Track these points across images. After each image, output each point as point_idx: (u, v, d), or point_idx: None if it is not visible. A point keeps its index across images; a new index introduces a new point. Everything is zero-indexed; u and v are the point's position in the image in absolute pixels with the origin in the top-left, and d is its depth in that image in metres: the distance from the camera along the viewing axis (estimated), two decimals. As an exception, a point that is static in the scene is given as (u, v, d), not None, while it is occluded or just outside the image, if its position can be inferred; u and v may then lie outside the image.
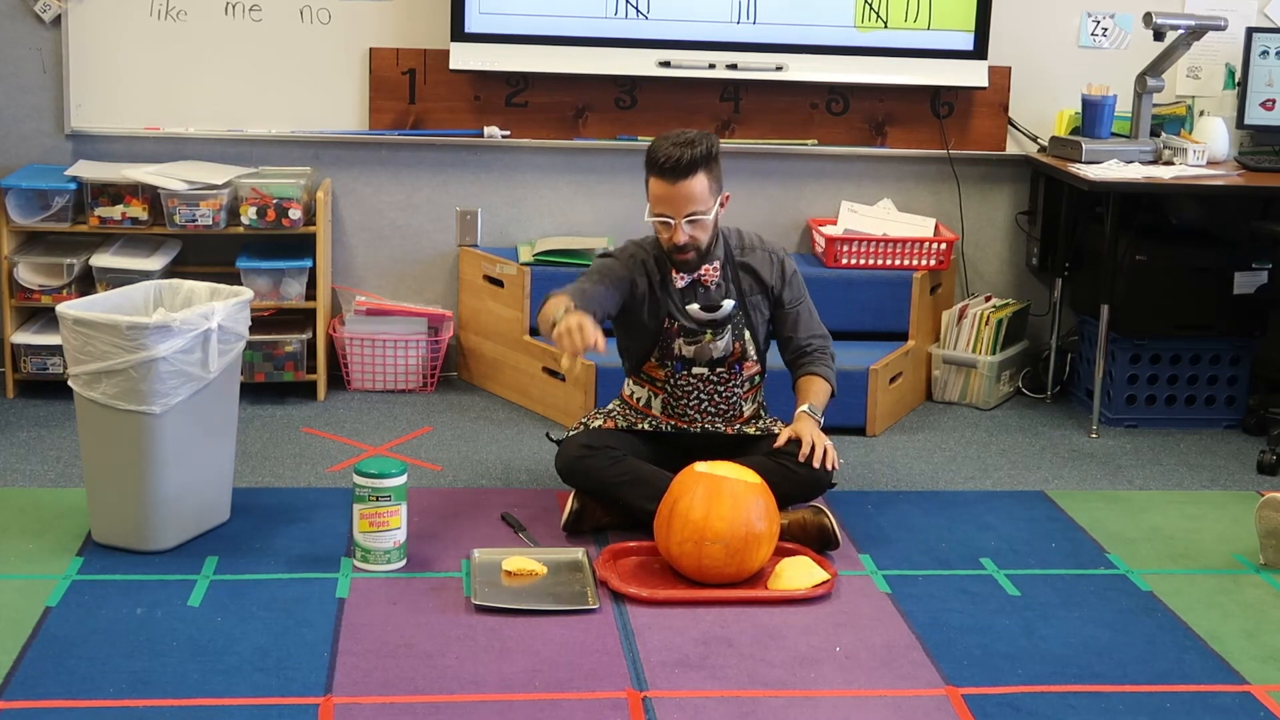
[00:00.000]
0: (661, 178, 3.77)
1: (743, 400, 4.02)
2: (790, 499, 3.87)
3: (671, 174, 3.74)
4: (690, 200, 3.77)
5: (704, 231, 3.83)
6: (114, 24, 4.99)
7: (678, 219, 3.79)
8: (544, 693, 3.06)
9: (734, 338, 3.95)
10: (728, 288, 3.94)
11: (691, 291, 3.93)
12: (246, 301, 3.83)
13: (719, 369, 3.96)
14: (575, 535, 3.87)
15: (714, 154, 3.80)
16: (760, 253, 3.99)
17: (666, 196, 3.78)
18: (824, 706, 3.05)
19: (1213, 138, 5.18)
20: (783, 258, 4.02)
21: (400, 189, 5.23)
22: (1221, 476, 4.58)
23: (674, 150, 3.74)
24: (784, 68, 5.12)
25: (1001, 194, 5.46)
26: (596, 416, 4.05)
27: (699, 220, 3.80)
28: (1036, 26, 5.32)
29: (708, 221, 3.83)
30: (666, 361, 3.97)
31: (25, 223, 4.82)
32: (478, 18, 5.00)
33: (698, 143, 3.76)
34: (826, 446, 3.83)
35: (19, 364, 4.86)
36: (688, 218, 3.78)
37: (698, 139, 3.77)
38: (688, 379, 3.97)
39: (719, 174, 3.85)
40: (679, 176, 3.74)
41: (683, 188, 3.75)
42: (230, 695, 3.00)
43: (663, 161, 3.75)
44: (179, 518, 3.71)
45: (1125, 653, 3.33)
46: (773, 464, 3.85)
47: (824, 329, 4.08)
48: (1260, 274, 5.02)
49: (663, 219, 3.81)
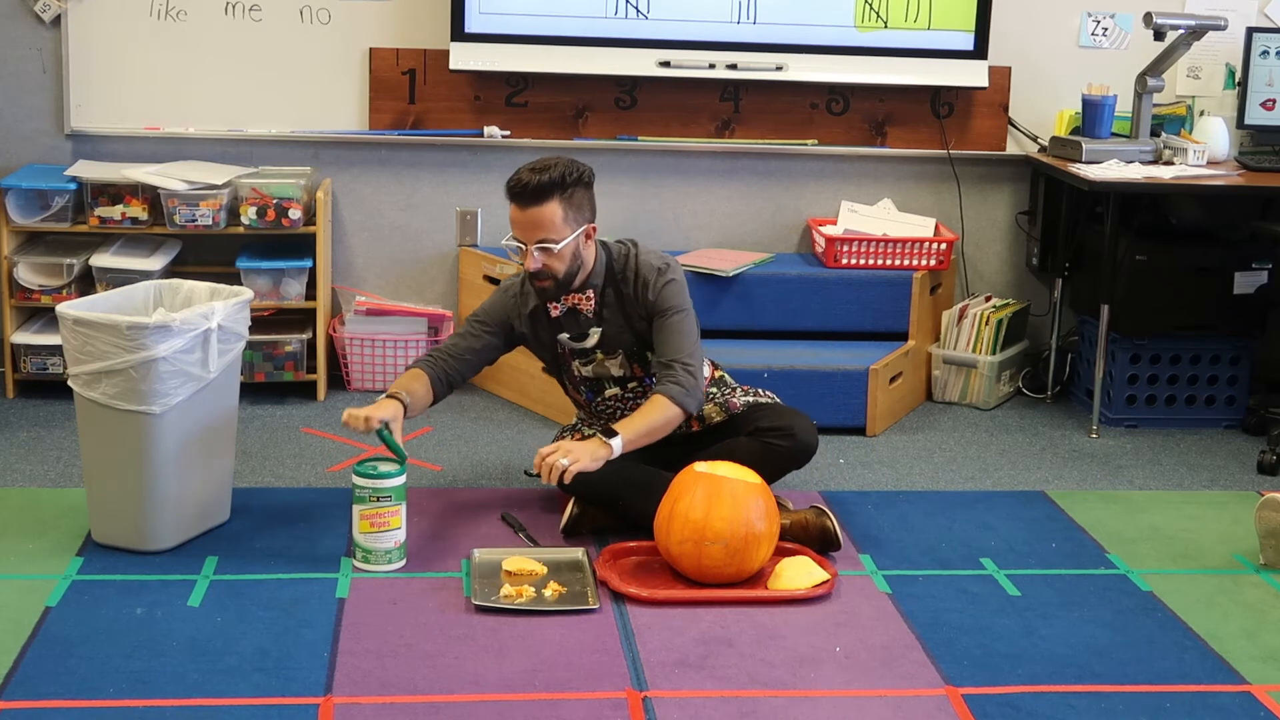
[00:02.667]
0: (513, 201, 3.76)
1: None
2: (780, 472, 3.91)
3: (520, 198, 3.73)
4: (538, 227, 3.73)
5: (559, 261, 3.77)
6: (114, 24, 4.99)
7: (528, 245, 3.76)
8: (544, 693, 3.06)
9: (629, 359, 3.94)
10: (603, 315, 3.91)
11: (567, 319, 3.93)
12: (246, 301, 3.83)
13: (631, 384, 3.96)
14: (574, 537, 3.87)
15: (571, 183, 3.73)
16: (637, 275, 3.88)
17: (516, 221, 3.77)
18: (824, 706, 3.05)
19: (1213, 138, 5.18)
20: (655, 274, 3.86)
21: (400, 189, 5.23)
22: (1221, 476, 4.58)
23: (526, 175, 3.72)
24: (784, 68, 5.12)
25: (1001, 194, 5.46)
26: (565, 435, 4.09)
27: (548, 249, 3.75)
28: (1036, 26, 5.32)
29: (561, 251, 3.76)
30: (579, 387, 4.00)
31: (25, 223, 4.82)
32: (478, 18, 5.00)
33: (553, 169, 3.71)
34: (555, 466, 3.64)
35: (19, 364, 4.86)
36: (538, 244, 3.74)
37: (555, 165, 3.72)
38: (604, 403, 3.99)
39: (584, 204, 3.79)
40: (527, 202, 3.72)
41: (531, 214, 3.72)
42: (230, 695, 3.00)
43: (512, 185, 3.74)
44: (179, 518, 3.71)
45: (1125, 653, 3.33)
46: (756, 443, 3.88)
47: (689, 349, 3.83)
48: (1260, 274, 5.02)
49: (515, 243, 3.81)
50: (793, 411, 3.98)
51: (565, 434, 4.09)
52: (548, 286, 3.84)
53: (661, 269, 3.87)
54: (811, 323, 5.06)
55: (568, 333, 3.94)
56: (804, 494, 4.18)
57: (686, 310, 3.88)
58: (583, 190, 3.78)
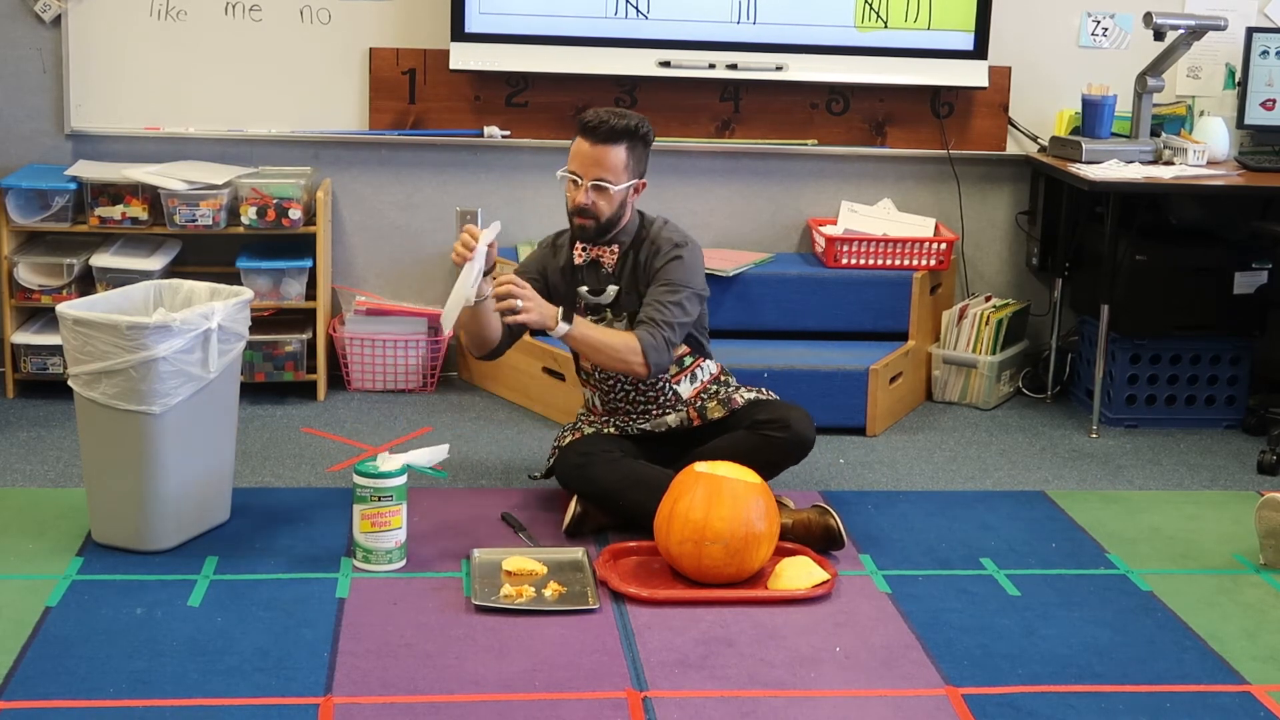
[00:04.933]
0: (584, 136, 3.84)
1: (673, 384, 4.02)
2: (778, 466, 3.93)
3: (593, 134, 3.82)
4: (601, 165, 3.82)
5: (607, 203, 3.86)
6: (114, 24, 4.99)
7: (585, 180, 3.84)
8: (544, 693, 3.06)
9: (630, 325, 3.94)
10: (620, 275, 3.96)
11: (589, 272, 3.98)
12: (246, 301, 3.83)
13: None
14: (576, 536, 3.87)
15: (640, 135, 3.87)
16: (653, 244, 3.96)
17: (580, 154, 3.85)
18: (824, 706, 3.05)
19: (1213, 138, 5.18)
20: (670, 246, 3.93)
21: (400, 189, 5.23)
22: (1221, 476, 4.58)
23: (605, 115, 3.83)
24: (784, 68, 5.12)
25: (1001, 194, 5.46)
26: (566, 433, 4.08)
27: (604, 189, 3.84)
28: (1036, 26, 5.32)
29: (612, 194, 3.85)
30: None
31: (25, 223, 4.82)
32: (478, 18, 5.00)
33: (630, 117, 3.85)
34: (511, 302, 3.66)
35: (19, 364, 4.86)
36: (594, 181, 3.83)
37: (632, 117, 3.86)
38: (607, 371, 3.99)
39: (643, 159, 3.91)
40: (599, 139, 3.82)
41: (599, 150, 3.82)
42: (230, 695, 3.00)
43: (590, 120, 3.83)
44: (179, 518, 3.71)
45: (1125, 653, 3.33)
46: (755, 436, 3.90)
47: (672, 318, 3.83)
48: (1260, 274, 5.02)
49: (572, 175, 3.87)
50: (790, 405, 4.00)
51: (566, 432, 4.09)
52: (588, 226, 3.90)
53: (679, 244, 3.94)
54: (811, 323, 5.06)
55: (587, 285, 3.97)
56: (804, 494, 4.18)
57: (687, 288, 3.89)
58: (644, 147, 3.91)
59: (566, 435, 4.07)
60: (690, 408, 4.02)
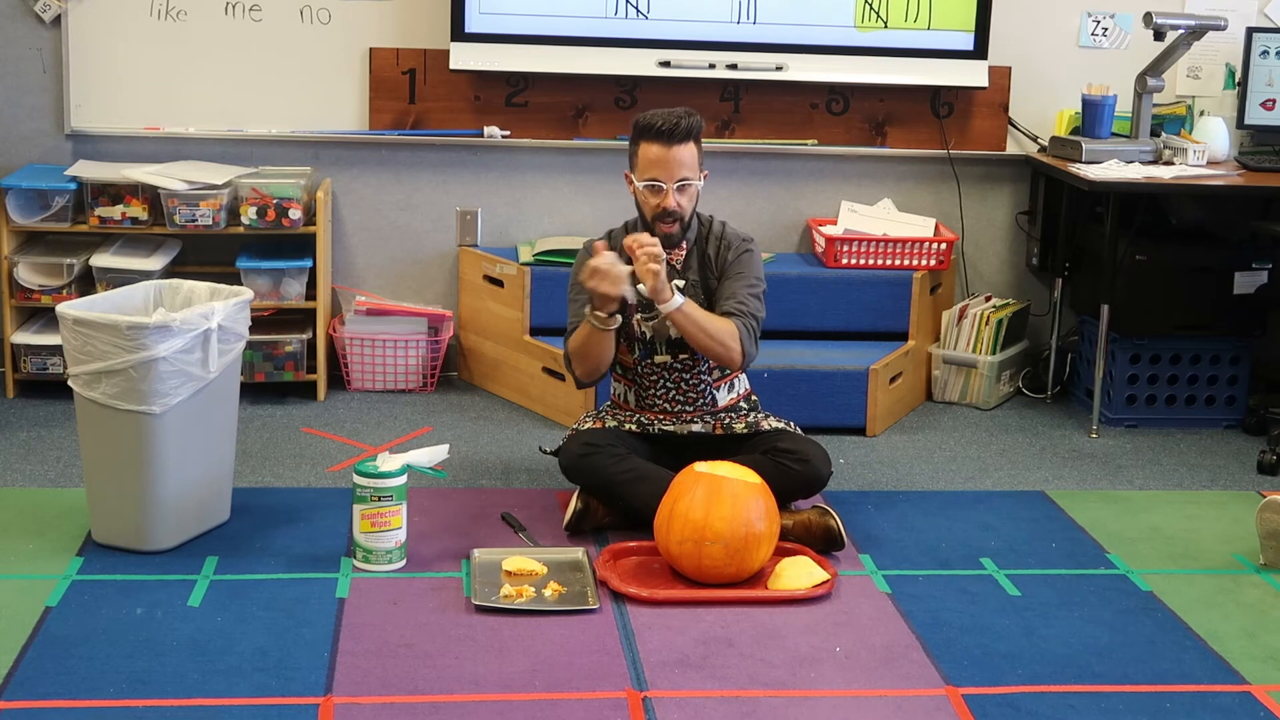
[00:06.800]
0: (658, 141, 3.85)
1: (714, 389, 4.02)
2: (789, 496, 3.89)
3: (668, 137, 3.84)
4: (682, 166, 3.86)
5: (689, 200, 3.92)
6: (114, 24, 4.99)
7: (669, 184, 3.85)
8: (544, 693, 3.06)
9: None
10: (685, 272, 3.98)
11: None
12: (246, 301, 3.83)
13: (682, 355, 3.97)
14: (576, 535, 3.87)
15: (700, 129, 3.92)
16: (723, 239, 4.01)
17: (660, 160, 3.85)
18: (824, 706, 3.06)
19: (1213, 138, 5.18)
20: (741, 241, 4.02)
21: (400, 189, 5.23)
22: (1221, 476, 4.58)
23: (671, 117, 3.85)
24: (784, 68, 5.12)
25: (1001, 194, 5.46)
26: (587, 419, 4.07)
27: (688, 187, 3.89)
28: (1036, 26, 5.32)
29: (694, 190, 3.91)
30: (634, 345, 3.99)
31: (25, 223, 4.82)
32: (478, 18, 5.00)
33: (690, 114, 3.89)
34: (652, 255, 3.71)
35: (19, 364, 4.86)
36: (679, 183, 3.86)
37: (687, 111, 3.90)
38: (651, 367, 3.99)
39: (702, 152, 3.96)
40: (675, 141, 3.84)
41: (676, 152, 3.84)
42: (230, 695, 3.00)
43: (660, 125, 3.84)
44: (179, 518, 3.71)
45: (1125, 653, 3.33)
46: (770, 462, 3.86)
47: (757, 310, 3.95)
48: (1260, 274, 5.02)
49: (654, 183, 3.87)
50: (811, 441, 4.00)
51: (587, 419, 4.05)
52: (674, 230, 3.93)
53: (747, 239, 4.04)
54: (811, 323, 5.06)
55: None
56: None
57: (762, 283, 3.99)
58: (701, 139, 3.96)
59: (586, 421, 4.05)
60: (718, 422, 4.01)
